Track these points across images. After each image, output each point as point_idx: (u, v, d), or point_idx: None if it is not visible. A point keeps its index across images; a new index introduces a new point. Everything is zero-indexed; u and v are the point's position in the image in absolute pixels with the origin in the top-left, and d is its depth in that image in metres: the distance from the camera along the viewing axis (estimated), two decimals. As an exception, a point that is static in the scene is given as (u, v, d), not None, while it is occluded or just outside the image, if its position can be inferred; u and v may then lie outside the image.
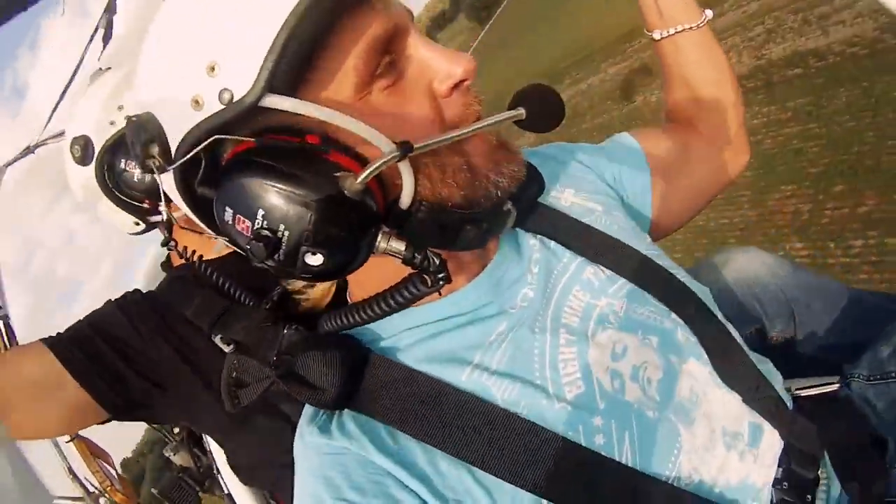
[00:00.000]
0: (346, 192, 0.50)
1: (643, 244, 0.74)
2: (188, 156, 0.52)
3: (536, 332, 0.63)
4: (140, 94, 0.56)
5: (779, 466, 0.66)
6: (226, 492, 1.41)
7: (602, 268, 0.70)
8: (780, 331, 0.94)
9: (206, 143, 0.51)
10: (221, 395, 0.61)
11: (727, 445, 0.64)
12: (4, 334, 1.61)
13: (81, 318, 1.07)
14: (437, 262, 0.54)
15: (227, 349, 1.02)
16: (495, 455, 0.57)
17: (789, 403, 0.73)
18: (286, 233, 0.49)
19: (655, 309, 0.68)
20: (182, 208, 0.58)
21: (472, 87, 0.59)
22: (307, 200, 0.49)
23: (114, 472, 2.10)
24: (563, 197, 0.77)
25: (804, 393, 0.76)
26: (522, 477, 0.56)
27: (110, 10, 1.78)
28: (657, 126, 0.94)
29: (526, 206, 0.70)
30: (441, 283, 0.55)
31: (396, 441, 0.58)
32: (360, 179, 0.50)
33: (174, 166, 0.53)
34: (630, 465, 0.59)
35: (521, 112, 0.64)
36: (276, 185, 0.49)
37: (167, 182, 0.56)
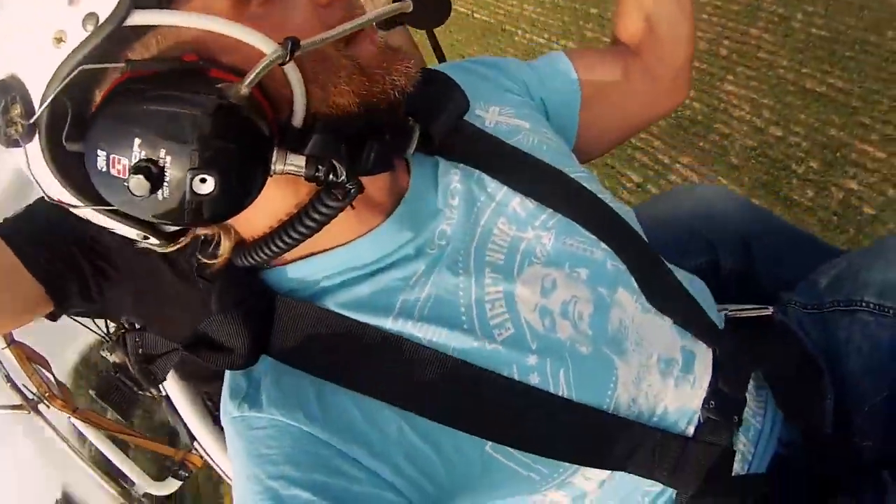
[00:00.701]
0: (230, 100, 0.45)
1: (571, 165, 0.71)
2: (48, 100, 0.45)
3: (460, 273, 0.60)
4: (2, 58, 0.49)
5: (707, 386, 0.67)
6: (164, 393, 1.40)
7: (529, 199, 0.66)
8: (732, 262, 0.93)
9: (69, 76, 0.45)
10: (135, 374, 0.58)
11: (662, 373, 0.64)
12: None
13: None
14: (345, 170, 0.50)
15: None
16: (431, 398, 0.55)
17: (721, 325, 0.73)
18: (168, 158, 0.44)
19: (584, 239, 0.66)
20: (48, 184, 0.51)
21: None
22: (188, 113, 0.44)
23: (52, 378, 2.07)
24: (488, 116, 0.72)
25: (738, 315, 0.76)
26: (458, 418, 0.56)
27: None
28: (596, 48, 0.90)
29: (446, 129, 0.65)
30: (353, 191, 0.51)
31: (325, 401, 0.55)
32: (245, 83, 0.45)
33: (34, 118, 0.46)
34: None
35: (406, 3, 0.59)
36: (152, 106, 0.44)
37: (34, 161, 0.50)
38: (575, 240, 0.65)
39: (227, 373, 0.60)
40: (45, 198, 0.54)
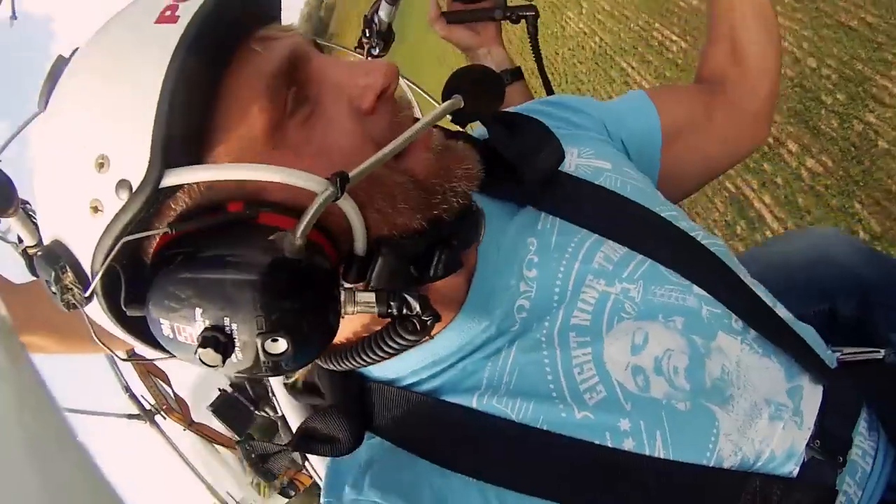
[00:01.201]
0: (286, 254, 0.43)
1: (658, 203, 0.69)
2: (98, 275, 0.44)
3: (543, 343, 0.58)
4: (43, 224, 0.49)
5: (814, 424, 0.64)
6: (279, 413, 1.49)
7: (617, 244, 0.64)
8: (850, 310, 0.90)
9: (114, 251, 0.43)
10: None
11: (771, 416, 0.61)
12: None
13: None
14: (418, 303, 0.48)
15: None
16: (523, 473, 0.54)
17: (833, 365, 0.71)
18: (233, 326, 0.42)
19: (675, 286, 0.63)
20: (125, 339, 0.50)
21: (398, 95, 0.53)
22: (246, 279, 0.42)
23: (170, 392, 2.21)
24: (568, 160, 0.69)
25: (850, 358, 0.77)
26: (552, 490, 0.54)
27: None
28: (678, 85, 0.91)
29: (541, 178, 0.64)
30: (430, 323, 0.49)
31: (428, 483, 0.55)
32: (298, 233, 0.43)
33: (89, 291, 0.45)
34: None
35: (457, 100, 0.56)
36: (206, 274, 0.42)
37: (99, 317, 0.49)
38: (665, 289, 0.62)
39: (330, 459, 0.61)
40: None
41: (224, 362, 0.43)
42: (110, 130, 0.44)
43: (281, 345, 0.43)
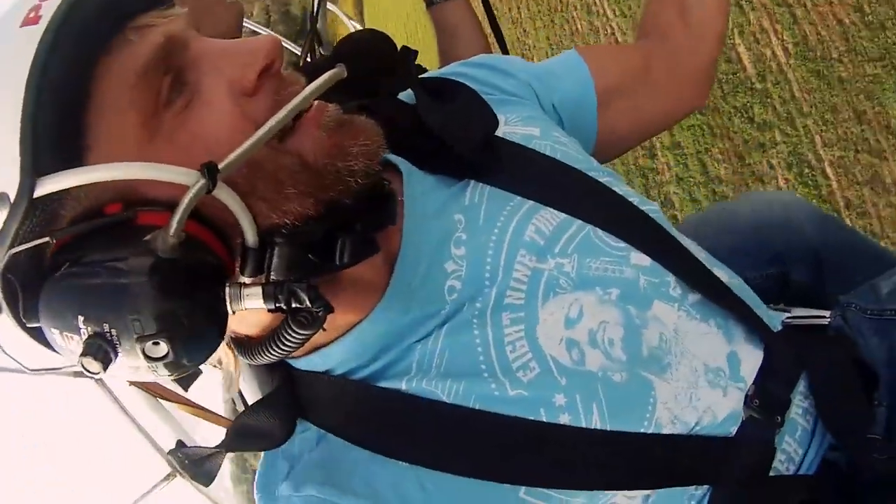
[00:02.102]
0: (160, 254, 0.41)
1: (592, 168, 0.68)
2: None
3: (475, 324, 0.57)
4: None
5: (752, 384, 0.64)
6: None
7: (551, 212, 0.62)
8: (802, 277, 0.91)
9: (1, 264, 0.42)
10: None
11: (710, 383, 0.62)
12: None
13: None
14: (306, 295, 0.46)
15: None
16: (456, 455, 0.54)
17: (775, 328, 0.72)
18: (113, 332, 0.41)
19: (611, 259, 0.62)
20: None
21: (287, 72, 0.51)
22: (121, 283, 0.40)
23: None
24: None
25: (796, 322, 0.76)
26: (487, 470, 0.53)
27: None
28: (610, 45, 0.89)
29: (474, 149, 0.62)
30: (322, 314, 0.47)
31: (356, 469, 0.55)
32: (171, 231, 0.41)
33: None
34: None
35: (340, 70, 0.51)
36: (86, 280, 0.41)
37: (10, 334, 0.47)
38: (600, 261, 0.61)
39: (263, 454, 0.60)
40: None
41: (106, 369, 0.41)
42: None
43: (162, 348, 0.41)
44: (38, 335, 0.46)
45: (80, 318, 0.41)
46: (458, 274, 0.59)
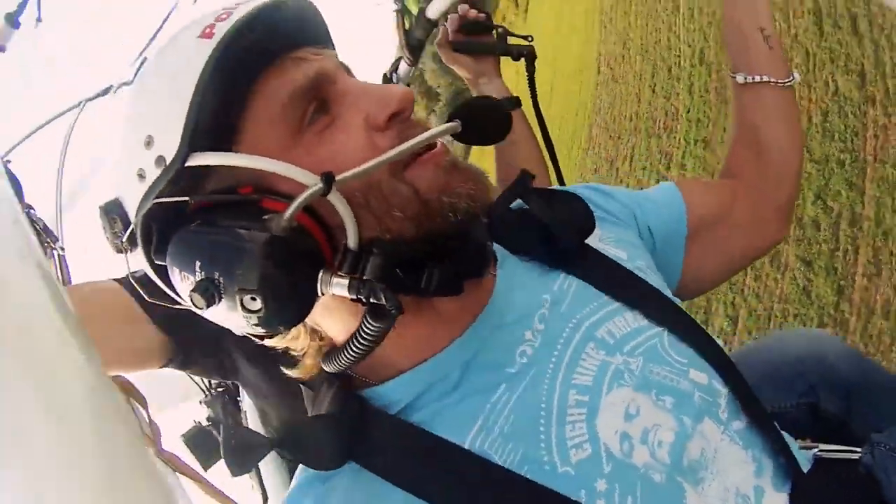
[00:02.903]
0: (273, 231, 0.51)
1: (665, 291, 0.73)
2: (130, 227, 0.56)
3: (544, 392, 0.61)
4: (109, 184, 0.61)
5: None
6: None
7: (630, 316, 0.68)
8: (831, 407, 0.93)
9: (146, 209, 0.55)
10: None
11: None
12: (60, 270, 1.66)
13: None
14: (383, 294, 0.52)
15: None
16: None
17: (806, 465, 0.72)
18: (222, 279, 0.51)
19: (671, 370, 0.66)
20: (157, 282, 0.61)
21: (415, 117, 0.60)
22: (238, 245, 0.51)
23: (145, 416, 2.18)
24: (590, 240, 0.74)
25: (826, 455, 0.76)
26: None
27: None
28: (705, 180, 0.95)
29: (571, 244, 0.70)
30: (393, 313, 0.53)
31: None
32: (286, 217, 0.51)
33: (124, 237, 0.57)
34: None
35: (455, 125, 0.61)
36: (209, 235, 0.52)
37: (139, 261, 0.60)
38: (663, 368, 0.65)
39: (301, 469, 0.63)
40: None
41: (208, 307, 0.51)
42: (157, 118, 0.55)
43: (257, 303, 0.50)
44: (160, 272, 0.58)
45: (198, 264, 0.51)
46: (532, 344, 0.64)
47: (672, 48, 5.14)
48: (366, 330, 0.55)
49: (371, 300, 0.53)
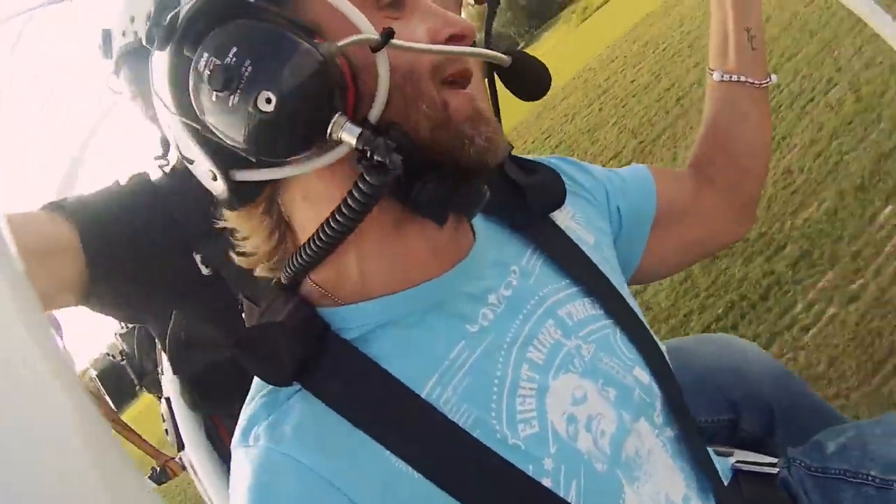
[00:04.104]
0: (318, 52, 0.51)
1: (623, 289, 0.74)
2: (187, 5, 0.53)
3: (499, 361, 0.61)
4: None
5: None
6: (164, 394, 1.41)
7: (588, 303, 0.69)
8: (752, 427, 0.95)
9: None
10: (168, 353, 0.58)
11: None
12: None
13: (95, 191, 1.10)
14: (388, 152, 0.51)
15: (204, 270, 1.02)
16: (452, 472, 0.55)
17: (725, 474, 0.74)
18: (249, 68, 0.49)
19: (619, 363, 0.67)
20: (157, 90, 0.58)
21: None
22: (282, 46, 0.50)
23: (60, 343, 2.08)
24: (561, 216, 0.75)
25: (744, 467, 0.78)
26: (471, 497, 0.55)
27: None
28: (676, 170, 0.94)
29: (541, 212, 0.72)
30: (392, 168, 0.51)
31: (353, 449, 0.55)
32: (336, 45, 0.52)
33: (175, 12, 0.53)
34: None
35: (506, 59, 0.66)
36: (258, 30, 0.51)
37: (158, 64, 0.57)
38: (612, 360, 0.66)
39: (252, 398, 0.60)
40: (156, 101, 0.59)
41: (221, 91, 0.50)
42: None
43: (270, 105, 0.49)
44: (180, 67, 0.54)
45: (234, 49, 0.50)
46: (495, 308, 0.64)
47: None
48: (356, 190, 0.53)
49: (374, 156, 0.51)
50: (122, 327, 1.90)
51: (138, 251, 1.06)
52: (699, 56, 6.18)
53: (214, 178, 0.58)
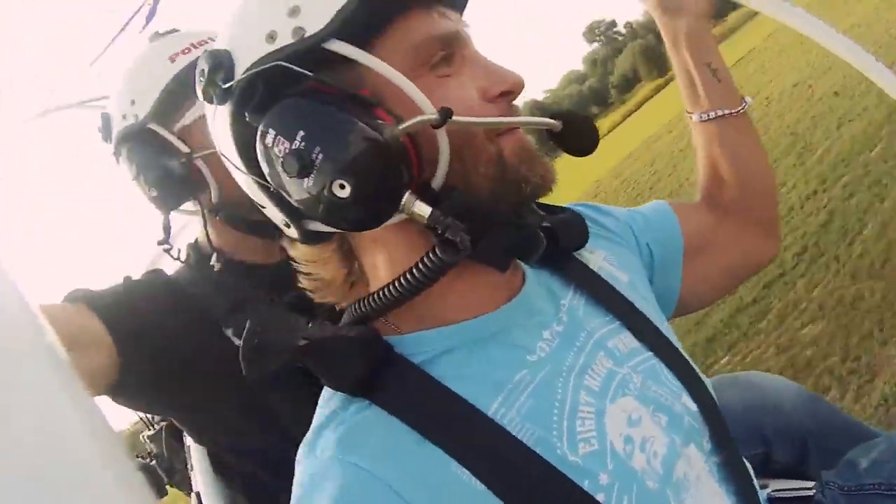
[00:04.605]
0: (384, 137, 0.54)
1: (662, 325, 0.76)
2: (245, 73, 0.57)
3: (559, 386, 0.63)
4: (220, 36, 0.63)
5: None
6: (194, 490, 1.40)
7: (631, 336, 0.71)
8: (786, 458, 0.94)
9: (263, 68, 0.57)
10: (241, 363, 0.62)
11: None
12: None
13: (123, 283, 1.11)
14: (460, 233, 0.56)
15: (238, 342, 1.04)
16: (514, 486, 0.57)
17: None
18: (321, 156, 0.53)
19: (667, 391, 0.69)
20: (222, 142, 0.63)
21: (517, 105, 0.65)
22: (349, 132, 0.54)
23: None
24: (593, 258, 0.78)
25: (780, 495, 0.77)
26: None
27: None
28: (691, 202, 0.95)
29: (564, 253, 0.74)
30: (462, 249, 0.56)
31: (420, 458, 0.57)
32: (400, 128, 0.55)
33: (231, 83, 0.58)
34: None
35: (556, 123, 0.68)
36: (324, 114, 0.55)
37: (218, 121, 0.62)
38: (660, 388, 0.69)
39: (320, 409, 0.64)
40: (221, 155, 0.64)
41: (299, 176, 0.54)
42: None
43: (345, 192, 0.53)
44: (242, 131, 0.59)
45: (301, 133, 0.54)
46: (551, 342, 0.67)
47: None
48: (428, 261, 0.58)
49: (446, 234, 0.56)
50: (150, 427, 1.91)
51: (167, 335, 1.05)
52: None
53: (287, 226, 0.64)
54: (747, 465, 0.75)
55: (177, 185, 1.08)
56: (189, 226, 1.33)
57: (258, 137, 0.56)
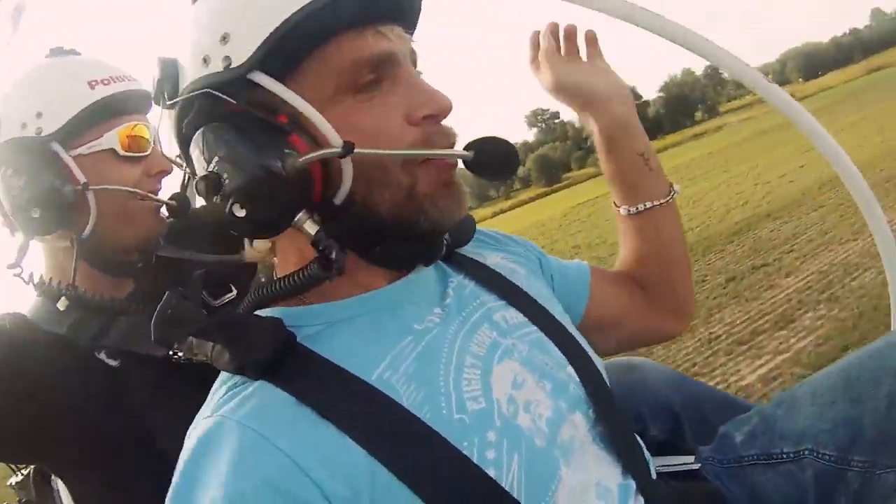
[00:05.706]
0: (283, 166, 0.59)
1: (555, 310, 0.78)
2: (178, 98, 0.64)
3: (444, 349, 0.67)
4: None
5: None
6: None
7: (517, 312, 0.75)
8: (659, 432, 0.98)
9: (199, 91, 0.62)
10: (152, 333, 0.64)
11: (599, 496, 0.66)
12: None
13: None
14: (336, 252, 0.61)
15: (113, 363, 0.95)
16: (397, 452, 0.59)
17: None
18: (227, 181, 0.59)
19: (553, 361, 0.72)
20: (168, 140, 0.70)
21: (447, 126, 0.67)
22: (251, 162, 0.59)
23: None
24: (489, 258, 0.82)
25: (665, 470, 0.78)
26: (415, 480, 0.58)
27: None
28: (614, 272, 0.99)
29: (456, 244, 0.78)
30: (335, 269, 0.62)
31: (312, 428, 0.59)
32: (300, 160, 0.60)
33: (170, 103, 0.66)
34: (514, 488, 0.60)
35: (469, 154, 0.70)
36: (235, 142, 0.60)
37: (165, 122, 0.69)
38: (546, 357, 0.72)
39: (215, 391, 0.66)
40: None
41: (207, 195, 0.60)
42: (244, 23, 0.61)
43: (241, 212, 0.59)
44: (182, 138, 0.67)
45: (216, 159, 0.60)
46: (439, 316, 0.70)
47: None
48: (305, 273, 0.64)
49: (325, 252, 0.61)
50: (17, 475, 1.73)
51: (30, 380, 0.97)
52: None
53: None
54: (638, 439, 0.77)
55: (63, 212, 1.01)
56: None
57: (191, 147, 0.64)
